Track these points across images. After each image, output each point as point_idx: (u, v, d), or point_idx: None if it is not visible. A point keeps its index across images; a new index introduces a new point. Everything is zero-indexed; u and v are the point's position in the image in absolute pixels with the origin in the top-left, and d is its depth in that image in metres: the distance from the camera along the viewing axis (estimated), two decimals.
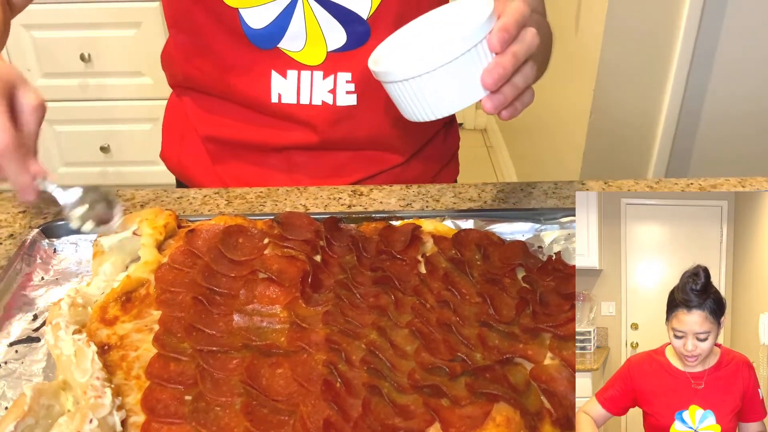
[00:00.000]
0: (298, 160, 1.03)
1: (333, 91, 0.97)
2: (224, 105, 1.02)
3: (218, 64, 0.98)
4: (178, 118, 1.10)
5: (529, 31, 0.68)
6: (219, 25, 0.94)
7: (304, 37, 0.94)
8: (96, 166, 2.76)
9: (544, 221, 0.87)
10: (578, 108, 2.03)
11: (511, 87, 0.68)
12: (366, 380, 0.64)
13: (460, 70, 0.66)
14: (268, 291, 0.73)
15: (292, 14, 0.92)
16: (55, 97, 2.63)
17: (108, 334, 0.68)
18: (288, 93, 0.97)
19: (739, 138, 2.02)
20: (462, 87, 0.67)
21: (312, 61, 0.95)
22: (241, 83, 0.98)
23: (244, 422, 0.60)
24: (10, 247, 0.85)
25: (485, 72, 0.66)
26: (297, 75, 0.96)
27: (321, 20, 0.93)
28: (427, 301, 0.73)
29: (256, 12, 0.92)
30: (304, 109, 0.98)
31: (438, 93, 0.68)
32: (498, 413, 0.61)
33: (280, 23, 0.92)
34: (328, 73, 0.96)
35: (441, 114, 0.69)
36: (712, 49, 1.87)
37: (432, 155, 1.10)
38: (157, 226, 0.79)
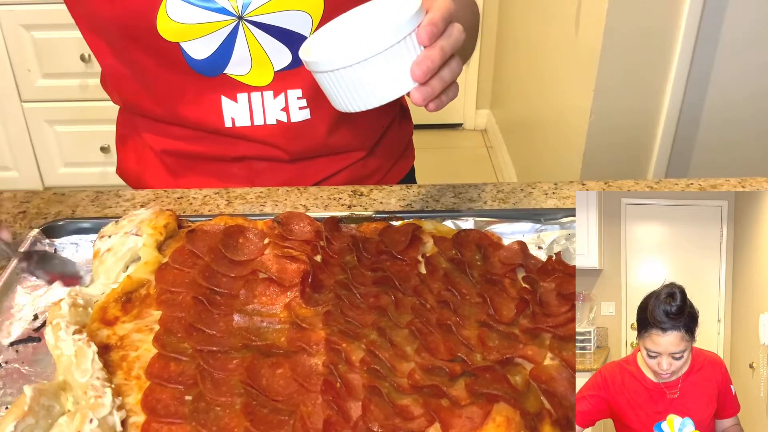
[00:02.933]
0: (259, 167, 1.02)
1: (286, 109, 0.96)
2: (172, 128, 1.00)
3: (164, 95, 0.96)
4: (130, 134, 1.08)
5: (456, 27, 0.70)
6: (160, 59, 0.92)
7: (250, 61, 0.92)
8: (96, 167, 2.76)
9: (545, 222, 0.87)
10: (578, 108, 2.03)
11: (439, 80, 0.70)
12: (366, 380, 0.64)
13: (389, 62, 0.67)
14: (269, 291, 0.73)
15: (234, 42, 0.90)
16: (55, 97, 2.63)
17: (108, 335, 0.68)
18: (241, 116, 0.96)
19: (740, 139, 2.02)
20: (391, 78, 0.68)
21: (260, 82, 0.94)
22: (191, 112, 0.96)
23: (244, 422, 0.60)
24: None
25: (414, 64, 0.68)
26: (247, 97, 0.95)
27: (264, 44, 0.92)
28: (427, 302, 0.73)
29: (196, 44, 0.90)
30: (259, 130, 0.97)
31: (368, 84, 0.68)
32: (498, 414, 0.61)
33: (223, 51, 0.91)
34: (278, 91, 0.95)
35: (371, 105, 0.70)
36: (712, 49, 1.87)
37: (389, 146, 1.10)
38: (157, 227, 0.79)
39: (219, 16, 0.88)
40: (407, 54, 0.68)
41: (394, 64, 0.67)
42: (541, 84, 2.50)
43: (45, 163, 2.77)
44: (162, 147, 1.02)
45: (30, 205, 0.93)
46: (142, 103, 0.99)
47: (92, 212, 0.93)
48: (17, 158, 2.75)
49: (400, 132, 1.13)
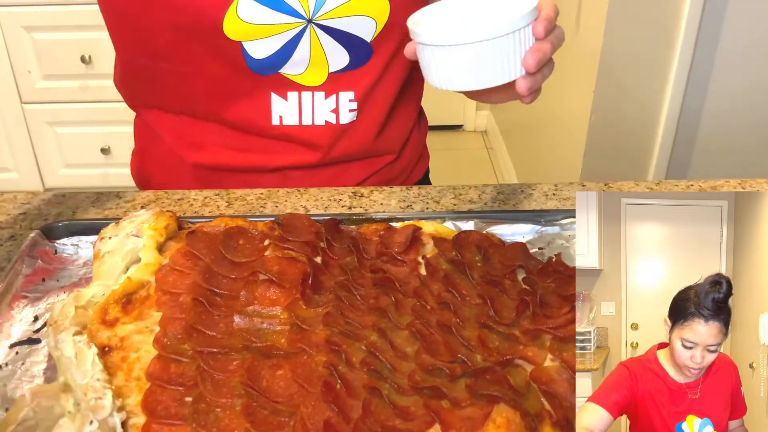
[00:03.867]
0: (294, 176, 1.02)
1: (336, 110, 0.97)
2: (212, 131, 0.99)
3: (211, 92, 0.95)
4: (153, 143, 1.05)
5: (560, 28, 0.73)
6: (217, 57, 0.91)
7: (308, 62, 0.93)
8: (96, 168, 2.76)
9: (545, 223, 0.87)
10: (578, 109, 2.03)
11: (541, 74, 0.73)
12: (366, 382, 0.64)
13: (502, 48, 0.69)
14: (269, 292, 0.73)
15: (298, 43, 0.90)
16: (55, 98, 2.64)
17: (108, 336, 0.68)
18: (289, 115, 0.96)
19: (740, 140, 2.02)
20: (501, 64, 0.70)
21: (312, 83, 0.95)
22: (239, 108, 0.96)
23: (245, 423, 0.60)
24: (11, 249, 0.85)
25: (528, 53, 0.70)
26: (298, 96, 0.95)
27: (326, 46, 0.92)
28: (427, 303, 0.73)
29: (259, 44, 0.90)
30: (306, 130, 0.97)
31: (477, 65, 0.70)
32: (498, 415, 0.61)
33: (285, 52, 0.91)
34: (330, 93, 0.96)
35: (472, 87, 0.71)
36: (713, 50, 1.87)
37: (412, 148, 1.11)
38: (157, 228, 0.79)
39: (289, 18, 0.88)
40: (520, 44, 0.69)
41: (506, 50, 0.69)
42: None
43: (45, 164, 2.77)
44: (195, 161, 1.01)
45: (30, 207, 0.93)
46: (175, 102, 0.98)
47: (92, 213, 0.93)
48: (18, 159, 2.76)
49: (419, 133, 1.14)
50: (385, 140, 1.04)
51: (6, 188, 2.74)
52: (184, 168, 1.03)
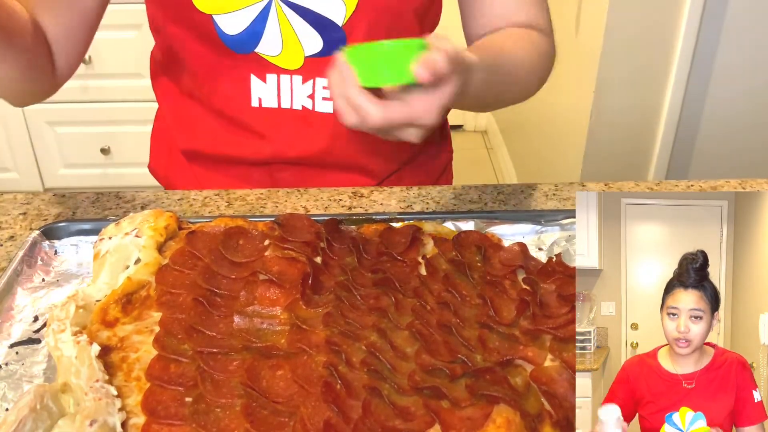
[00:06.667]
0: (281, 176, 1.03)
1: (312, 96, 0.97)
2: (201, 114, 1.02)
3: (198, 70, 0.98)
4: (163, 132, 1.11)
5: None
6: (193, 31, 0.94)
7: (281, 42, 0.94)
8: (96, 168, 2.76)
9: (545, 223, 0.87)
10: (578, 110, 2.03)
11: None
12: (366, 382, 0.64)
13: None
14: (269, 292, 0.73)
15: (266, 19, 0.92)
16: (55, 98, 2.62)
17: (108, 336, 0.68)
18: (268, 97, 0.97)
19: (740, 140, 2.02)
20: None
21: (290, 65, 0.95)
22: (220, 87, 0.98)
23: (245, 424, 0.60)
24: (11, 249, 0.85)
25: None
26: (276, 79, 0.96)
27: (295, 26, 0.93)
28: (427, 303, 0.73)
29: (229, 18, 0.92)
30: (285, 113, 0.98)
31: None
32: (498, 415, 0.61)
33: (255, 28, 0.92)
34: (307, 77, 0.96)
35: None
36: (713, 51, 1.87)
37: (422, 167, 1.11)
38: (157, 228, 0.79)
39: None
40: None
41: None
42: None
43: (45, 164, 2.77)
44: (186, 146, 1.04)
45: (30, 207, 0.93)
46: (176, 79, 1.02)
47: (92, 214, 0.93)
48: (17, 159, 2.75)
49: (438, 157, 1.15)
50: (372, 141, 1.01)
51: (6, 188, 2.74)
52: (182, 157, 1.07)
